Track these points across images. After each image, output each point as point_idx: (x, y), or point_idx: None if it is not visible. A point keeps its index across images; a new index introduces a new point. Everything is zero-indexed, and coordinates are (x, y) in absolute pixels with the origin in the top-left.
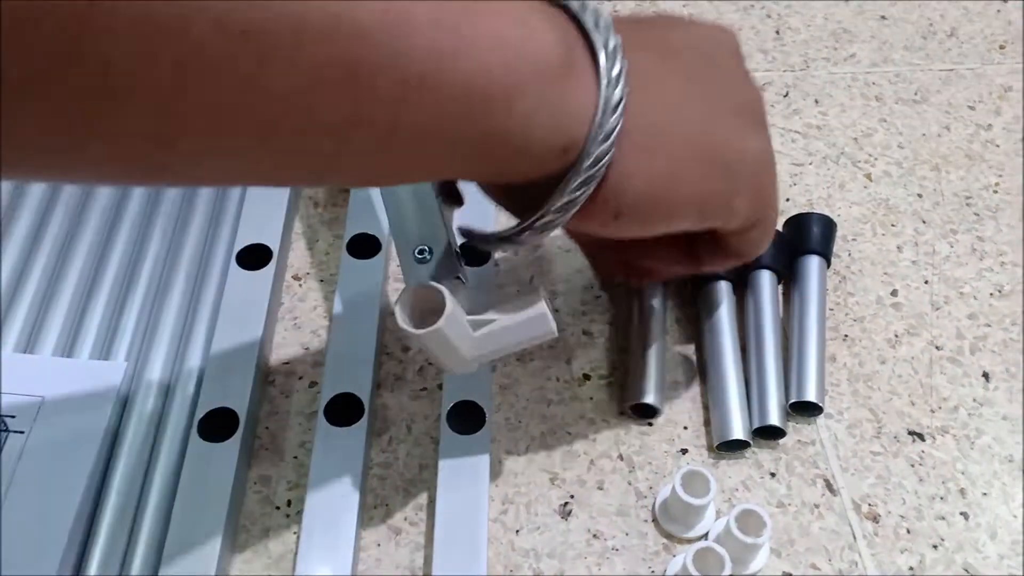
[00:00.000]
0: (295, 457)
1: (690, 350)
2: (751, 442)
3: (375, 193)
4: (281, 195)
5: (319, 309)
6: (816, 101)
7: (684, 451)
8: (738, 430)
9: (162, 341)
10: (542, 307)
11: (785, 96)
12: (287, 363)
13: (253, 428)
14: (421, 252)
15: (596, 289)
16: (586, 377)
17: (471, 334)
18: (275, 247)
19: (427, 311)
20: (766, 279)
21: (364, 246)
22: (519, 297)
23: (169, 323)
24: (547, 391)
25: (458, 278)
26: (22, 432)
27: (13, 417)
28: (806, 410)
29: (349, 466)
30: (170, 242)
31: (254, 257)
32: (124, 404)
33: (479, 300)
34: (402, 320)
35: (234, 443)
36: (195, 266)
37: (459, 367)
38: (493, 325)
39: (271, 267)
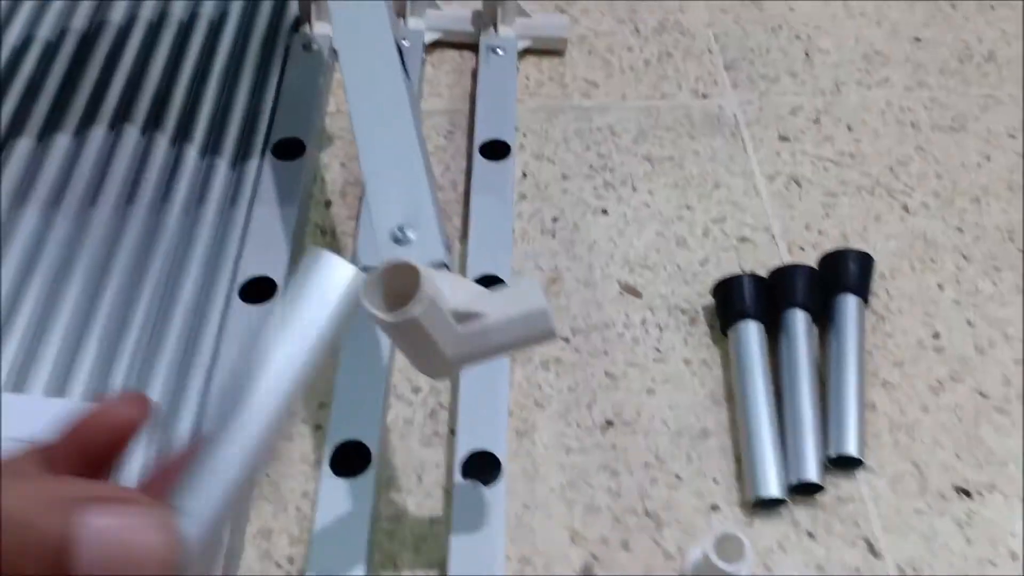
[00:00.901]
0: (297, 508)
1: (719, 393)
2: (788, 499)
3: None
4: (286, 224)
5: None
6: (849, 127)
7: (715, 508)
8: (774, 486)
9: (156, 380)
10: (540, 301)
11: (816, 122)
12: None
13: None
14: (402, 230)
15: (619, 327)
16: (609, 423)
17: (455, 328)
18: (280, 279)
19: (402, 296)
20: (800, 319)
21: None
22: (511, 288)
23: (165, 361)
24: (567, 438)
25: (444, 264)
26: None
27: None
28: (845, 463)
29: (355, 519)
30: (167, 276)
31: (257, 290)
32: None
33: (465, 290)
34: (370, 303)
35: None
36: (195, 300)
37: (437, 370)
38: (481, 320)
39: (275, 300)
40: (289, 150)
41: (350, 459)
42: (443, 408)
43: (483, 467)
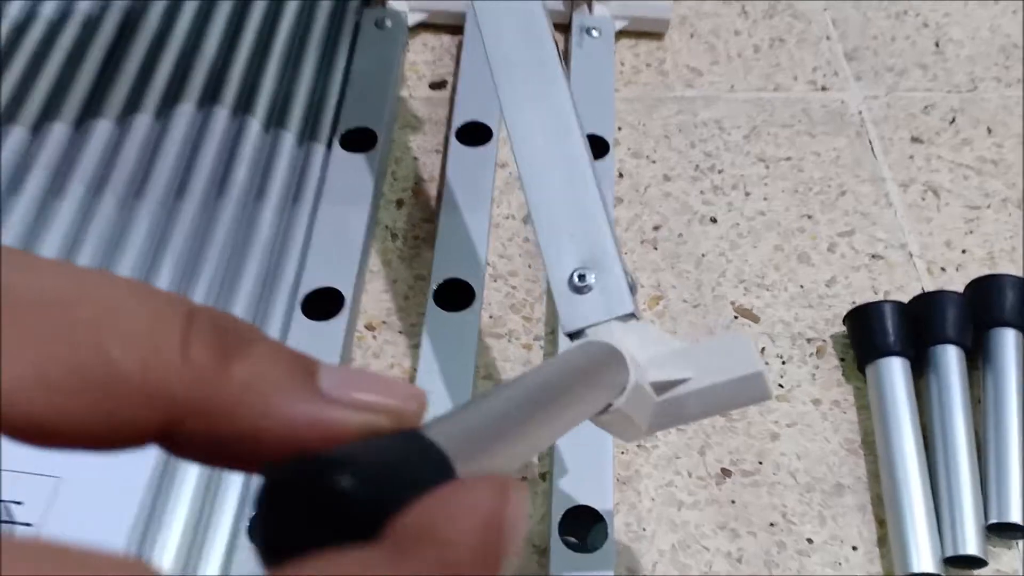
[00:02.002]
0: None
1: (855, 440)
2: (943, 575)
3: (465, 227)
4: (355, 226)
5: (396, 368)
6: (989, 130)
7: None
8: (926, 560)
9: None
10: (753, 363)
11: (952, 123)
12: None
13: None
14: (581, 278)
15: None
16: (725, 473)
17: (653, 400)
18: (348, 292)
19: None
20: (953, 358)
21: (455, 292)
22: (718, 344)
23: None
24: (677, 490)
25: (631, 315)
26: (30, 525)
27: (20, 504)
28: (1007, 531)
29: None
30: (221, 286)
31: (323, 304)
32: (156, 494)
33: (664, 348)
34: None
35: None
36: (251, 316)
37: (629, 437)
38: (684, 387)
39: (343, 316)
40: (359, 141)
41: None
42: None
43: (584, 524)
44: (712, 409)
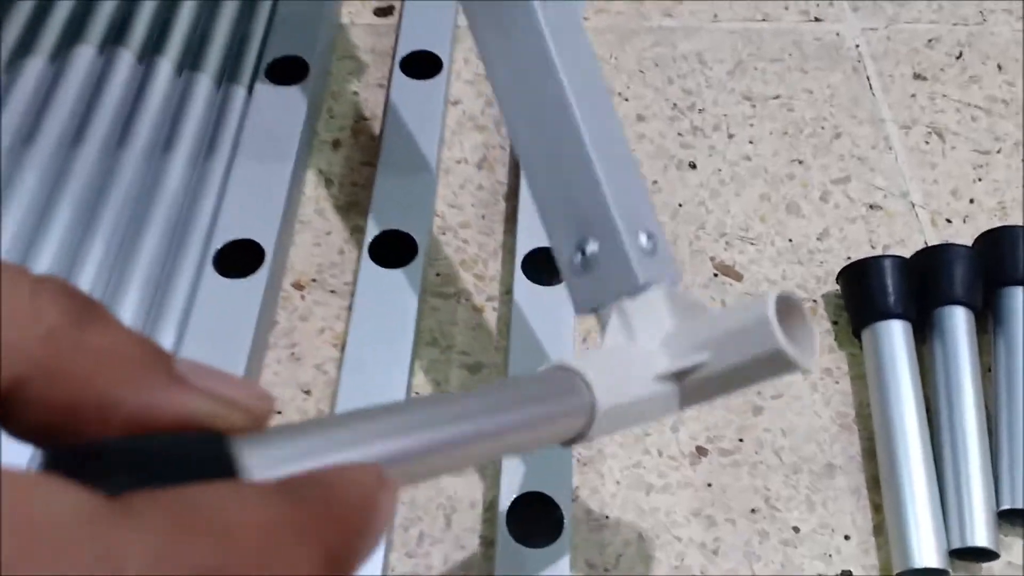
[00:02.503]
0: None
1: (848, 414)
2: (949, 571)
3: (410, 172)
4: (280, 171)
5: (327, 333)
6: (999, 67)
7: (847, 575)
8: (929, 553)
9: None
10: (771, 338)
11: (959, 58)
12: (278, 413)
13: None
14: (583, 253)
15: None
16: (701, 452)
17: (665, 390)
18: (269, 245)
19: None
20: (960, 320)
21: (395, 246)
22: (732, 313)
23: None
24: (645, 471)
25: (640, 287)
26: None
27: None
28: (1021, 518)
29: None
30: (122, 240)
31: (240, 259)
32: None
33: (676, 317)
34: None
35: None
36: (157, 270)
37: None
38: (701, 373)
39: (263, 272)
40: (287, 72)
41: None
42: None
43: (538, 512)
44: (740, 386)
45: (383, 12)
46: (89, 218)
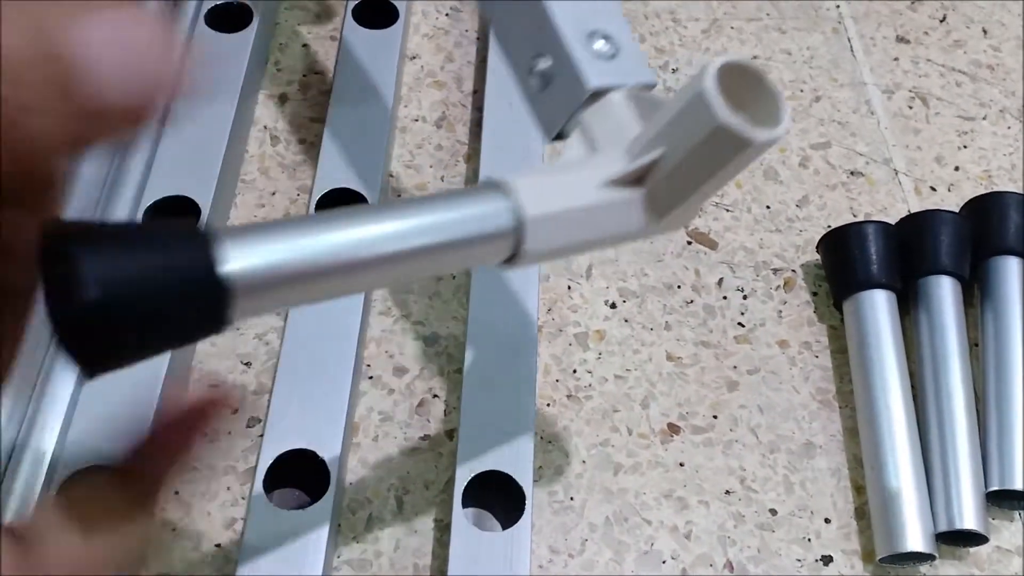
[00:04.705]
0: (217, 545)
1: (829, 390)
2: (935, 555)
3: (362, 129)
4: (220, 125)
5: None
6: (984, 31)
7: (827, 560)
8: (915, 536)
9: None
10: (713, 114)
11: (943, 21)
12: (214, 386)
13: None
14: (540, 69)
15: (687, 290)
16: (673, 429)
17: (626, 197)
18: (205, 202)
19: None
20: (947, 290)
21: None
22: (676, 99)
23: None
24: (614, 450)
25: (594, 93)
26: None
27: None
28: (1009, 499)
29: (302, 563)
30: None
31: (171, 218)
32: None
33: (640, 120)
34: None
35: None
36: None
37: (643, 235)
38: (660, 170)
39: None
40: (229, 18)
41: (299, 475)
42: (437, 398)
43: (496, 493)
44: (709, 179)
45: None
46: None
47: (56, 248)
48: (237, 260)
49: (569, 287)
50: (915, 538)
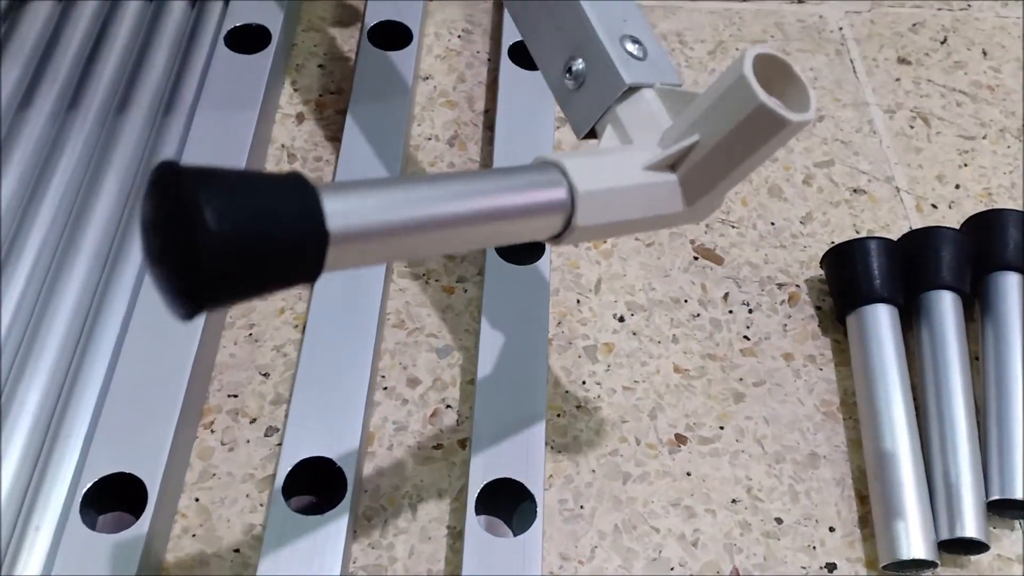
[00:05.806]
0: (237, 551)
1: (833, 401)
2: (937, 563)
3: (377, 147)
4: (239, 142)
5: (288, 314)
6: (984, 52)
7: (831, 567)
8: (917, 544)
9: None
10: (752, 97)
11: (943, 43)
12: (234, 396)
13: (174, 500)
14: (570, 72)
15: (693, 304)
16: (680, 440)
17: (666, 181)
18: None
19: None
20: (948, 305)
21: None
22: (714, 85)
23: (54, 346)
24: (622, 460)
25: (628, 89)
26: None
27: None
28: (1010, 509)
29: (319, 568)
30: (72, 206)
31: None
32: None
33: (672, 113)
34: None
35: (143, 522)
36: (108, 241)
37: (685, 220)
38: (696, 154)
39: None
40: (248, 40)
41: (316, 482)
42: (450, 409)
43: (508, 501)
44: (742, 162)
45: None
46: (38, 178)
47: (177, 183)
48: (337, 214)
49: (578, 301)
50: (917, 546)
